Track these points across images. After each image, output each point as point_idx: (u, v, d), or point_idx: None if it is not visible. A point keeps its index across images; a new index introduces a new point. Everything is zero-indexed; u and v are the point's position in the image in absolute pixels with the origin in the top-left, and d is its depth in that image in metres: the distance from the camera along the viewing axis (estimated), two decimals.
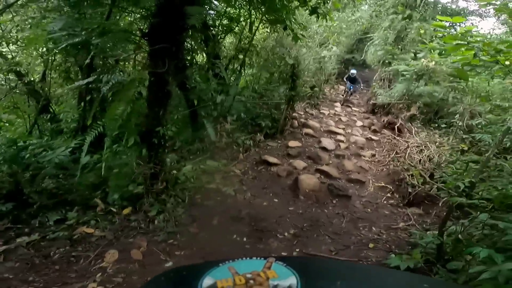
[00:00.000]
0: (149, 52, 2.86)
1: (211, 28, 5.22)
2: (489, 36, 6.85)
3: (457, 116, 6.56)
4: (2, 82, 4.25)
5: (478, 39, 3.02)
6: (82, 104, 4.04)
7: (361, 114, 9.53)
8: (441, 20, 3.13)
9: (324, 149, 6.01)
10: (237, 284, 0.47)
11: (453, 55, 3.99)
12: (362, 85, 11.40)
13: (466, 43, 2.93)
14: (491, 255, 1.94)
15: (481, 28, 16.06)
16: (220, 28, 5.54)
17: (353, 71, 10.47)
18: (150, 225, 3.47)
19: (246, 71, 6.69)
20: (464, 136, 6.22)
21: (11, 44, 4.07)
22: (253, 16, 4.75)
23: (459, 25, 5.58)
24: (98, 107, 3.85)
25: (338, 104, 10.05)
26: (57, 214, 3.40)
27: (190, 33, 3.51)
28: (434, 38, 8.18)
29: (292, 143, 5.86)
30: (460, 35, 3.03)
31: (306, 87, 7.71)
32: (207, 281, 0.49)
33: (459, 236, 2.72)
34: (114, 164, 3.57)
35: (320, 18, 4.31)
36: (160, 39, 2.76)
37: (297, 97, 6.51)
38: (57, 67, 4.42)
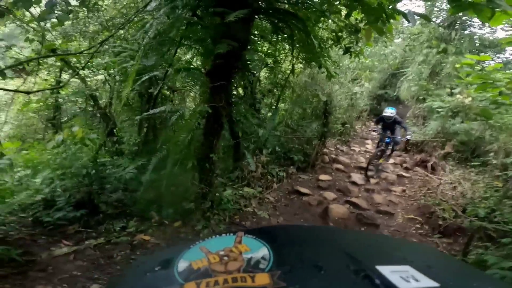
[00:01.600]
0: (211, 88, 4.06)
1: (249, 62, 6.52)
2: None
3: (491, 154, 7.14)
4: (81, 105, 5.65)
5: (502, 77, 3.38)
6: (144, 129, 5.34)
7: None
8: (469, 58, 3.62)
9: (354, 183, 6.94)
10: (212, 262, 0.53)
11: (481, 93, 4.53)
12: (409, 132, 7.67)
13: (491, 81, 3.31)
14: (498, 261, 2.63)
15: None
16: (258, 63, 6.79)
17: (391, 110, 7.10)
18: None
19: (280, 106, 7.93)
20: (497, 174, 6.85)
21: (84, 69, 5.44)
22: (289, 54, 5.95)
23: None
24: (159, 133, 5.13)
25: (369, 141, 10.96)
26: (120, 222, 4.46)
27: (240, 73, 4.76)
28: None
29: (323, 177, 6.86)
30: (485, 73, 3.40)
31: (337, 123, 8.77)
32: (182, 264, 0.55)
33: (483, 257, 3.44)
34: (172, 183, 4.69)
35: (353, 56, 5.43)
36: (219, 77, 3.95)
37: (328, 133, 7.59)
38: (119, 94, 5.81)
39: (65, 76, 5.73)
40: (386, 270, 0.49)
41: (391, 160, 9.19)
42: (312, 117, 7.35)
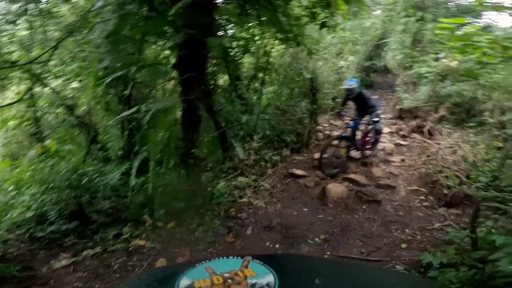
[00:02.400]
0: (180, 81, 3.41)
1: (229, 51, 5.82)
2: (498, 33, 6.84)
3: (487, 113, 6.52)
4: (55, 115, 5.06)
5: (483, 38, 3.27)
6: (126, 133, 4.71)
7: (388, 120, 9.59)
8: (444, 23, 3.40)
9: (350, 158, 6.24)
10: (215, 283, 0.49)
11: (465, 56, 4.17)
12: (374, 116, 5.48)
13: (471, 43, 3.18)
14: (508, 242, 2.10)
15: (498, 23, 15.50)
16: (237, 49, 6.11)
17: (350, 81, 5.45)
18: (192, 236, 4.01)
19: (267, 89, 7.23)
20: (496, 133, 6.16)
21: (56, 78, 4.85)
22: (266, 36, 5.27)
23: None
24: (140, 135, 4.50)
25: None
26: (115, 230, 4.08)
27: (212, 60, 4.07)
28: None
29: (318, 155, 6.16)
30: (465, 36, 3.28)
31: (327, 99, 8.04)
32: (184, 281, 0.50)
33: (492, 230, 2.85)
34: (158, 184, 4.15)
35: (331, 30, 4.73)
36: (187, 68, 3.32)
37: (319, 110, 6.87)
38: (99, 99, 5.19)
39: (38, 89, 5.09)
40: None
41: (387, 129, 8.48)
42: (300, 96, 6.61)
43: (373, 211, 4.62)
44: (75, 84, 5.10)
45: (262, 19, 3.71)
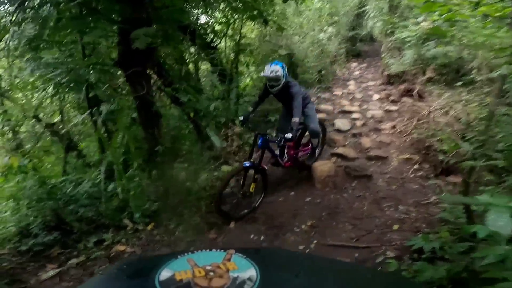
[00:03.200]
0: (126, 78, 2.75)
1: (204, 36, 5.04)
2: None
3: (474, 71, 5.72)
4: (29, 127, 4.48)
5: None
6: (96, 137, 4.10)
7: (378, 87, 8.72)
8: None
9: (338, 131, 5.55)
10: (197, 276, 0.44)
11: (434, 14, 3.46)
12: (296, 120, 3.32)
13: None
14: (492, 234, 1.49)
15: None
16: (213, 34, 5.34)
17: (273, 66, 3.26)
18: (172, 236, 3.55)
19: (249, 70, 6.45)
20: (486, 90, 5.36)
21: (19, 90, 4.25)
22: (234, 17, 4.49)
23: None
24: (107, 137, 3.89)
25: (351, 82, 9.29)
26: (96, 237, 3.72)
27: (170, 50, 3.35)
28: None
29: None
30: None
31: (312, 73, 7.21)
32: (165, 273, 0.46)
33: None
34: (129, 187, 3.60)
35: (298, 3, 3.93)
36: (132, 64, 2.64)
37: (302, 85, 6.08)
38: (70, 106, 4.57)
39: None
40: None
41: (376, 96, 7.67)
42: None
43: (363, 188, 3.99)
44: (40, 94, 4.46)
45: None
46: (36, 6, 2.43)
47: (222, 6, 4.02)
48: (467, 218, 2.41)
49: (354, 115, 6.29)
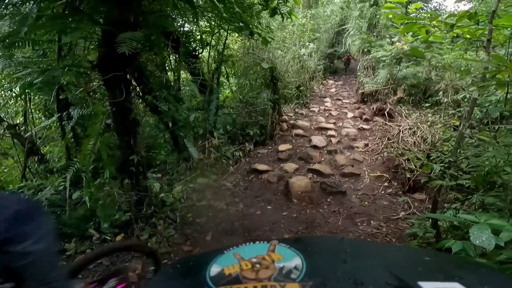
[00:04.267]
0: (104, 82, 2.63)
1: (187, 45, 5.00)
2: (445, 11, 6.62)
3: (440, 93, 6.19)
4: None
5: (425, 15, 2.84)
6: (63, 143, 3.85)
7: (352, 105, 9.15)
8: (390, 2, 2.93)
9: (315, 147, 5.70)
10: (244, 269, 0.45)
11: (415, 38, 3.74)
12: None
13: (414, 21, 2.72)
14: (466, 248, 1.60)
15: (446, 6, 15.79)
16: (197, 43, 5.31)
17: None
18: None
19: (229, 82, 6.47)
20: (451, 112, 5.82)
21: None
22: (221, 27, 4.52)
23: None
24: (74, 143, 3.67)
25: (328, 99, 9.66)
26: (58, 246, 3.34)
27: (153, 56, 3.28)
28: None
29: (283, 147, 5.57)
30: (408, 14, 2.86)
31: (290, 88, 7.39)
32: (214, 268, 0.47)
33: (454, 222, 2.35)
34: (98, 197, 3.40)
35: (285, 18, 4.05)
36: (111, 68, 2.53)
37: (281, 100, 6.22)
38: (36, 108, 4.27)
39: None
40: (430, 287, 0.38)
41: (351, 114, 8.01)
42: (261, 86, 5.89)
43: (338, 203, 4.09)
44: (5, 93, 4.12)
45: (196, 7, 2.94)
46: (19, 3, 2.28)
47: (210, 15, 4.02)
48: (435, 234, 2.55)
49: (330, 132, 6.51)
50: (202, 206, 4.04)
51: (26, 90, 3.47)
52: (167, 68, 4.51)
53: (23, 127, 4.24)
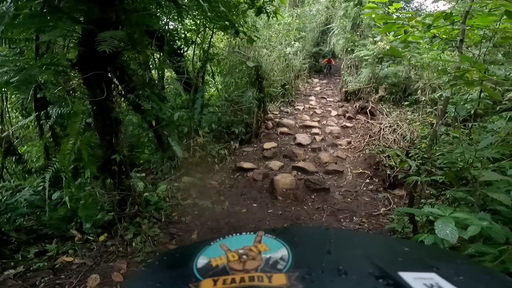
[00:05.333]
0: (84, 81, 2.55)
1: (172, 43, 4.92)
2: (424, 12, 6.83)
3: (419, 92, 6.38)
4: None
5: (404, 16, 2.90)
6: (41, 142, 3.71)
7: (336, 103, 9.28)
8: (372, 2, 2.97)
9: (300, 145, 5.75)
10: (231, 260, 0.45)
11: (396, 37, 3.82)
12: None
13: (393, 21, 2.76)
14: (437, 242, 1.66)
15: (427, 6, 16.24)
16: (182, 42, 5.22)
17: None
18: (128, 247, 3.30)
19: (215, 81, 6.41)
20: (428, 110, 6.01)
21: None
22: (206, 26, 4.46)
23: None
24: (53, 143, 3.55)
25: (313, 97, 9.75)
26: (37, 248, 3.29)
27: (135, 54, 3.21)
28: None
29: (268, 145, 5.59)
30: (387, 14, 2.91)
31: (276, 86, 7.41)
32: (201, 260, 0.47)
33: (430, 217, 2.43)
34: (79, 197, 3.31)
35: (270, 17, 4.05)
36: (91, 67, 2.46)
37: (267, 98, 6.22)
38: (13, 107, 4.09)
39: None
40: (408, 277, 0.39)
41: (334, 112, 8.12)
42: (247, 85, 5.87)
43: (322, 200, 4.16)
44: None
45: (180, 5, 2.89)
46: None
47: (195, 13, 3.96)
48: (412, 228, 2.64)
49: (314, 130, 6.58)
50: (187, 205, 4.01)
51: (3, 89, 3.31)
52: (151, 66, 4.43)
53: (0, 127, 4.05)
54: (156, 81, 3.98)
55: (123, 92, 3.28)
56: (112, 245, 3.31)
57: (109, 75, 2.64)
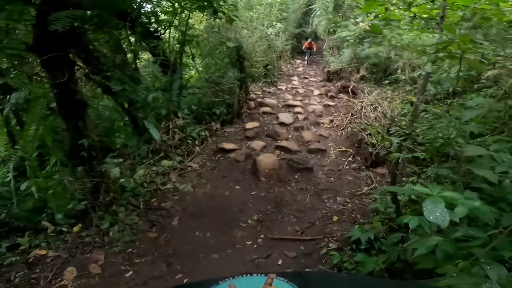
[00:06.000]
0: (42, 64, 2.22)
1: (148, 26, 4.49)
2: None
3: (399, 71, 6.28)
4: None
5: None
6: (4, 130, 3.33)
7: (318, 83, 9.09)
8: None
9: (282, 124, 5.57)
10: None
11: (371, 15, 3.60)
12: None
13: None
14: (422, 225, 1.49)
15: None
16: (161, 23, 4.77)
17: None
18: (105, 237, 3.11)
19: (195, 62, 6.01)
20: (408, 88, 5.95)
21: None
22: (182, 6, 4.05)
23: None
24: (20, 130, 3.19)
25: (295, 77, 9.49)
26: (9, 241, 3.07)
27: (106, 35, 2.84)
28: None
29: (250, 125, 5.37)
30: None
31: (258, 67, 7.09)
32: None
33: (412, 196, 2.33)
34: (47, 186, 3.01)
35: None
36: (49, 49, 2.13)
37: (249, 79, 5.93)
38: None
39: None
40: None
41: (317, 91, 7.95)
42: (228, 66, 5.53)
43: (305, 180, 4.04)
44: None
45: None
46: None
47: None
48: (395, 208, 2.56)
49: (297, 109, 6.40)
50: (167, 190, 3.79)
51: None
52: (125, 49, 4.03)
53: None
54: (130, 64, 3.60)
55: (90, 75, 2.93)
56: (88, 236, 3.10)
57: (72, 57, 2.30)
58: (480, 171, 1.72)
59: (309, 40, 10.97)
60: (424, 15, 2.76)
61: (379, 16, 2.97)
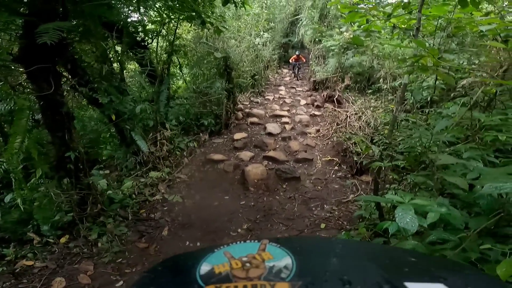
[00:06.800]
0: (27, 75, 2.24)
1: (135, 35, 4.55)
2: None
3: (381, 80, 6.56)
4: None
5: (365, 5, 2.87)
6: None
7: (305, 92, 9.31)
8: None
9: (270, 134, 5.68)
10: (234, 268, 0.43)
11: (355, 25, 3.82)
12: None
13: (356, 10, 2.72)
14: (400, 229, 1.64)
15: None
16: (147, 33, 4.83)
17: None
18: (94, 248, 3.11)
19: (182, 72, 6.09)
20: (390, 98, 6.21)
21: None
22: (170, 17, 4.15)
23: None
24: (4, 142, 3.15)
25: (282, 87, 9.69)
26: None
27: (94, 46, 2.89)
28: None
29: (238, 135, 5.45)
30: (351, 4, 2.87)
31: (245, 77, 7.22)
32: (204, 267, 0.44)
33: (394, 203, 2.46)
34: (34, 198, 2.98)
35: (238, 7, 3.84)
36: (35, 60, 2.16)
37: (236, 89, 6.04)
38: None
39: None
40: (415, 287, 0.38)
41: (304, 101, 8.15)
42: (216, 76, 5.64)
43: (293, 189, 4.14)
44: None
45: None
46: None
47: (158, 4, 3.65)
48: (379, 214, 2.68)
49: (284, 119, 6.54)
50: (155, 201, 3.80)
51: None
52: (112, 59, 4.06)
53: None
54: (116, 74, 3.64)
55: (76, 86, 2.95)
56: (76, 247, 3.09)
57: (58, 68, 2.33)
58: (452, 178, 1.86)
59: (297, 52, 10.23)
60: (403, 26, 2.95)
61: (361, 26, 3.17)
